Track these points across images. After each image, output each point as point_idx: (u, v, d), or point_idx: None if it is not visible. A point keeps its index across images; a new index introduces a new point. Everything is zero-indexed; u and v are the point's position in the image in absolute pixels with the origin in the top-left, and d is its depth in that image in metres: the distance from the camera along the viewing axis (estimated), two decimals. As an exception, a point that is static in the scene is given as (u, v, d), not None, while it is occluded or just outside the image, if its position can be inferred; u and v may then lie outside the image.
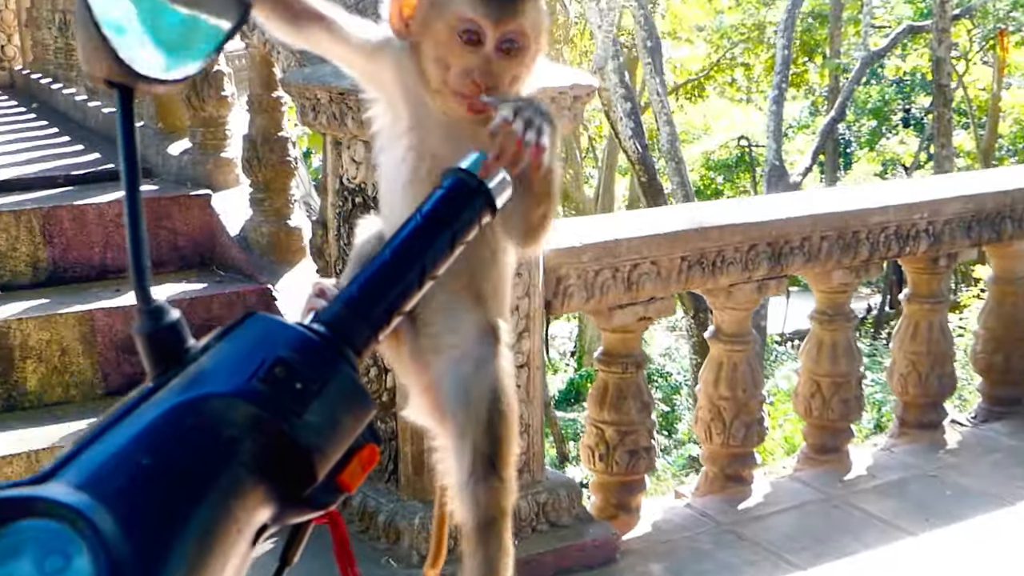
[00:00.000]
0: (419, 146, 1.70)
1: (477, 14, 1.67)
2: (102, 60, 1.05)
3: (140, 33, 1.13)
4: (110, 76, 1.07)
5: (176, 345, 0.99)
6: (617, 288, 4.14)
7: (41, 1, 7.80)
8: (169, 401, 0.89)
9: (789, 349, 21.51)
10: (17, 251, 4.73)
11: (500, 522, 1.88)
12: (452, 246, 1.15)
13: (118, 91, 1.07)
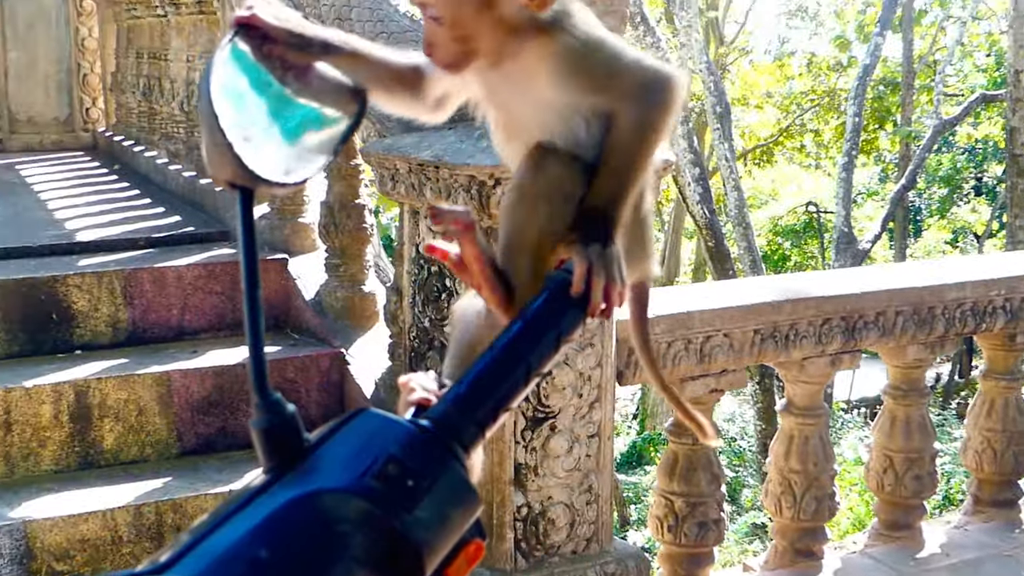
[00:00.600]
0: (491, 110, 1.72)
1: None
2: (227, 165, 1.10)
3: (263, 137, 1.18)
4: (234, 180, 1.12)
5: (291, 439, 1.02)
6: (689, 360, 4.14)
7: (126, 66, 8.01)
8: (284, 495, 0.92)
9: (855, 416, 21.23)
10: (98, 312, 4.83)
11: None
12: (558, 345, 1.18)
13: (240, 193, 1.11)
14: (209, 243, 5.47)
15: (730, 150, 17.56)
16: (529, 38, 1.58)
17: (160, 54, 7.06)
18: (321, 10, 4.50)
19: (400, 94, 1.59)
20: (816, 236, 25.06)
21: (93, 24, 8.95)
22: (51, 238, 5.48)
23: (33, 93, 8.99)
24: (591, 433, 3.84)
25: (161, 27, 7.03)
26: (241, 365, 4.63)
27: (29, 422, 4.29)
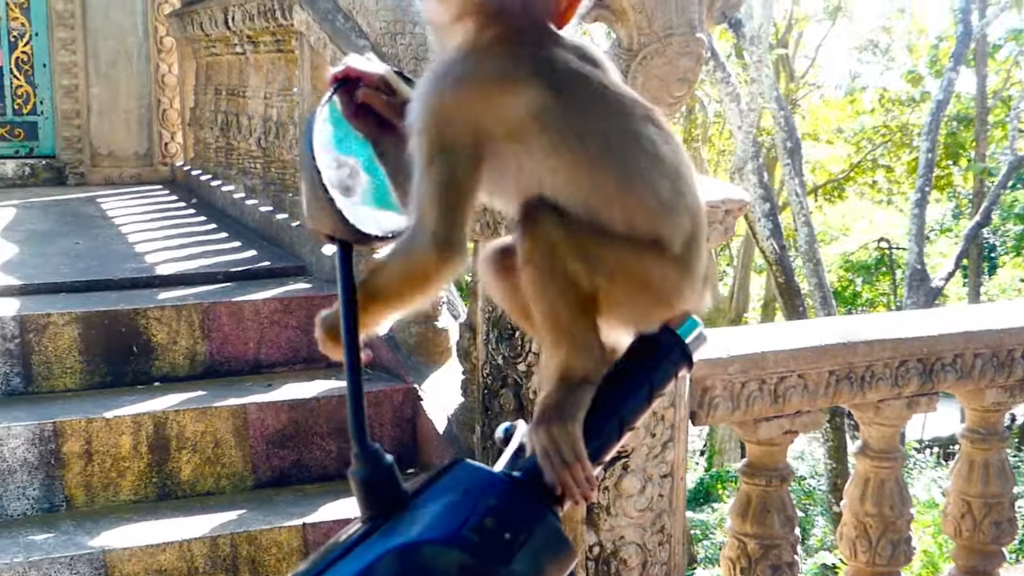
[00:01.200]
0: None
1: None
2: (327, 219, 1.13)
3: (363, 192, 1.21)
4: (334, 234, 1.15)
5: (390, 489, 1.04)
6: (763, 400, 4.11)
7: (204, 102, 8.16)
8: (384, 545, 0.94)
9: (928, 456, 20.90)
10: (177, 344, 4.91)
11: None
12: (650, 399, 1.19)
13: (339, 246, 1.15)
14: (285, 278, 5.55)
15: (800, 185, 17.45)
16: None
17: (238, 91, 7.19)
18: (398, 50, 4.57)
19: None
20: (888, 273, 24.77)
21: (173, 61, 9.15)
22: (132, 271, 5.60)
23: (114, 128, 9.19)
24: (664, 473, 3.83)
25: (240, 64, 7.17)
26: (315, 399, 4.68)
27: (109, 452, 4.37)
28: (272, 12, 5.94)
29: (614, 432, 1.16)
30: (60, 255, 5.96)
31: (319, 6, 5.24)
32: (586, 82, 1.45)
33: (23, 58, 9.00)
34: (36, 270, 5.57)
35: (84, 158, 9.07)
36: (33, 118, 9.11)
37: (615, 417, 1.17)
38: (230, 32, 6.93)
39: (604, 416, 1.17)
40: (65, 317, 4.78)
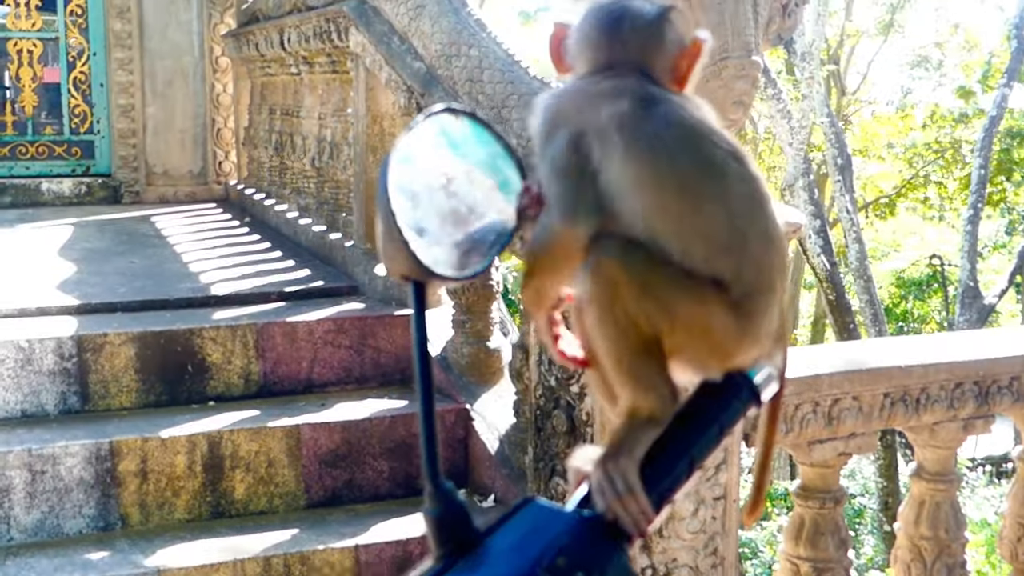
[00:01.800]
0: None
1: None
2: (403, 261, 1.15)
3: (437, 233, 1.23)
4: (409, 274, 1.17)
5: (462, 528, 1.05)
6: (817, 423, 4.09)
7: (259, 122, 8.25)
8: None
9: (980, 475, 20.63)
10: (232, 364, 4.96)
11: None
12: (720, 438, 1.20)
13: (413, 286, 1.16)
14: (338, 297, 5.59)
15: (851, 202, 17.35)
16: None
17: (292, 111, 7.27)
18: (453, 72, 4.60)
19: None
20: (940, 290, 24.52)
21: (228, 81, 9.26)
22: (187, 291, 5.66)
23: (169, 146, 9.30)
24: (717, 495, 3.82)
25: (295, 85, 7.24)
26: (368, 419, 4.71)
27: (164, 471, 4.42)
28: (328, 34, 6.00)
29: (683, 471, 1.17)
30: (116, 274, 6.04)
31: (375, 28, 5.29)
32: (670, 101, 1.47)
33: (81, 77, 9.14)
34: (93, 289, 5.64)
35: (139, 177, 9.19)
36: (90, 137, 9.24)
37: (685, 456, 1.18)
38: (285, 53, 7.00)
39: (674, 455, 1.18)
40: (121, 336, 4.85)
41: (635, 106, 1.45)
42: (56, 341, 4.77)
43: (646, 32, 1.53)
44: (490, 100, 4.37)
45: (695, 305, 1.41)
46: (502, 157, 1.37)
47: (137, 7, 9.01)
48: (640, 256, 1.43)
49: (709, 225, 1.44)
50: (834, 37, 23.15)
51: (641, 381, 1.38)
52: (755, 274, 1.45)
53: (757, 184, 1.47)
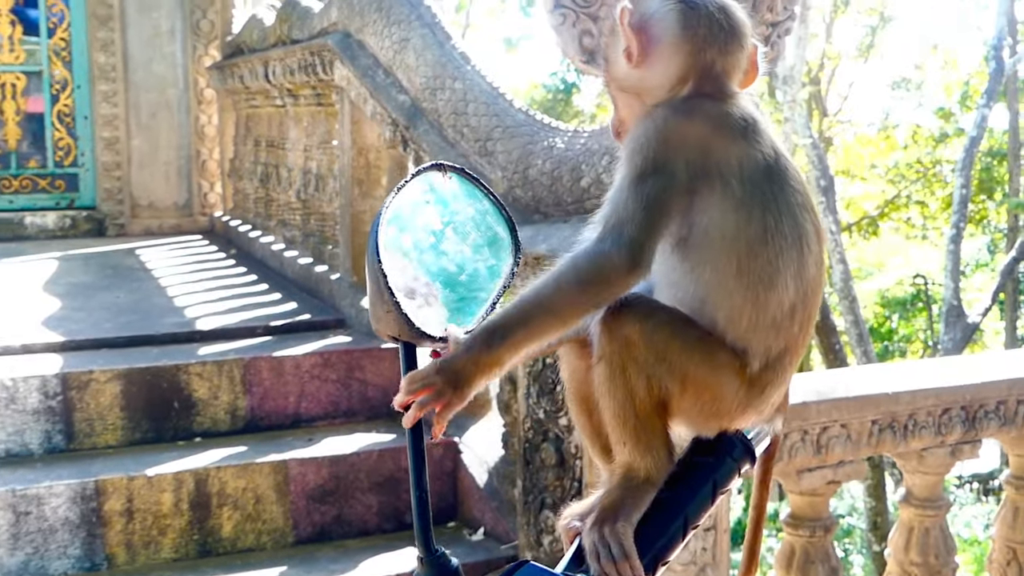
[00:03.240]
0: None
1: None
2: (393, 323, 1.15)
3: (427, 293, 1.23)
4: (399, 336, 1.17)
5: None
6: (806, 451, 4.08)
7: (244, 153, 8.24)
8: None
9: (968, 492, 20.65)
10: (218, 400, 4.94)
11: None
12: (714, 496, 1.20)
13: (403, 346, 1.16)
14: (325, 331, 5.58)
15: (835, 223, 17.40)
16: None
17: (278, 143, 7.26)
18: (438, 105, 4.61)
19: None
20: (925, 309, 24.59)
21: (213, 112, 9.25)
22: (172, 326, 5.64)
23: (154, 179, 9.29)
24: (707, 526, 3.81)
25: (280, 117, 7.24)
26: (356, 454, 4.69)
27: (151, 510, 4.39)
28: (313, 67, 6.00)
29: (679, 532, 1.17)
30: (101, 309, 6.01)
31: (360, 62, 5.30)
32: (776, 151, 1.48)
33: (65, 110, 9.13)
34: (78, 325, 5.62)
35: (124, 209, 9.17)
36: (74, 170, 9.22)
37: (679, 517, 1.18)
38: (270, 85, 7.00)
39: (669, 516, 1.18)
40: (107, 374, 4.82)
41: (759, 153, 1.45)
42: (41, 379, 4.75)
43: (743, 37, 1.55)
44: (475, 133, 4.38)
45: (710, 374, 1.41)
46: (491, 213, 1.37)
47: (121, 40, 9.01)
48: (661, 319, 1.42)
49: (772, 299, 1.44)
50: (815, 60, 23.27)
51: (641, 442, 1.38)
52: (783, 351, 1.46)
53: (823, 269, 1.48)
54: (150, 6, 9.08)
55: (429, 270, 1.28)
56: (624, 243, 1.39)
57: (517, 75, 29.21)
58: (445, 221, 1.33)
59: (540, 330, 1.40)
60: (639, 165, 1.44)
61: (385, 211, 1.25)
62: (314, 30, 5.95)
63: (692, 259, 1.44)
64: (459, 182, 1.34)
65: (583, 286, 1.39)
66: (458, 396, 1.39)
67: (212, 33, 9.10)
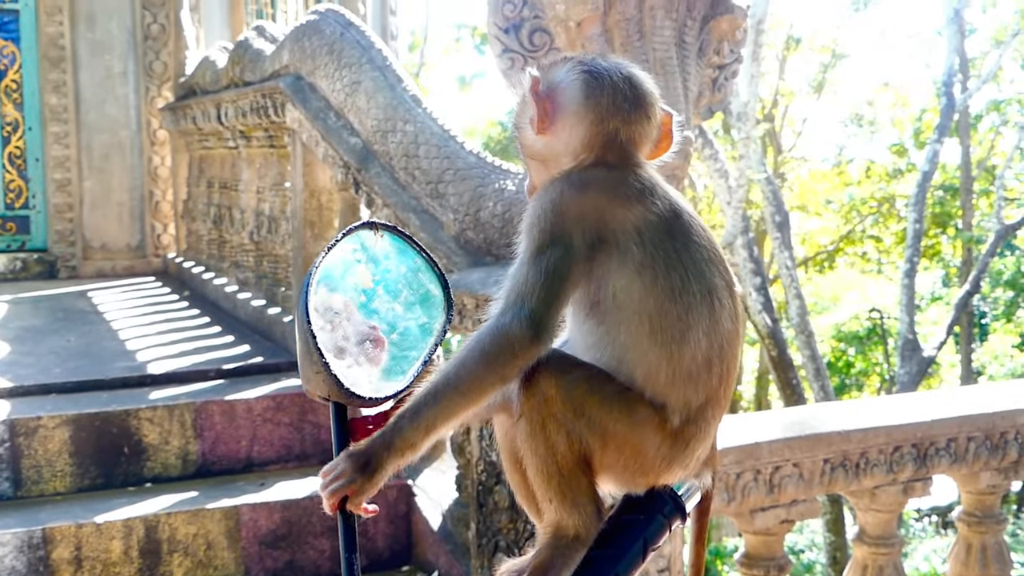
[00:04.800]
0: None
1: None
2: (322, 383, 1.14)
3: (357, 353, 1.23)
4: (329, 396, 1.16)
5: None
6: (759, 491, 4.09)
7: (197, 194, 8.21)
8: None
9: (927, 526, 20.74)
10: (169, 444, 4.89)
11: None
12: (644, 554, 1.19)
13: (333, 407, 1.16)
14: (277, 373, 5.54)
15: (790, 258, 17.52)
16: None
17: (231, 184, 7.23)
18: (390, 147, 4.61)
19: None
20: (881, 343, 24.78)
21: (166, 153, 9.21)
22: (123, 370, 5.58)
23: (107, 220, 9.23)
24: (661, 568, 3.80)
25: (232, 158, 7.22)
26: (308, 498, 4.65)
27: (99, 558, 4.33)
28: (264, 109, 5.99)
29: None
30: (51, 354, 5.94)
31: (311, 104, 5.29)
32: (677, 211, 1.49)
33: (16, 152, 9.06)
34: (27, 370, 5.55)
35: (76, 251, 9.09)
36: (25, 212, 9.14)
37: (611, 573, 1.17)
38: (223, 127, 6.98)
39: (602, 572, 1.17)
40: (56, 420, 4.76)
41: (657, 216, 1.46)
42: (-12, 426, 4.68)
43: (649, 107, 1.57)
44: (426, 175, 4.38)
45: (630, 429, 1.42)
46: (424, 271, 1.37)
47: (73, 81, 8.96)
48: (578, 375, 1.43)
49: (686, 354, 1.45)
50: (768, 97, 23.53)
51: (567, 499, 1.38)
52: (704, 404, 1.47)
53: (739, 322, 1.50)
54: (103, 48, 9.04)
55: (359, 329, 1.28)
56: (525, 316, 1.41)
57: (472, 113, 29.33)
58: (376, 280, 1.33)
59: (451, 410, 1.42)
60: (537, 238, 1.47)
61: (315, 271, 1.25)
62: (266, 72, 5.94)
63: (607, 322, 1.46)
64: (391, 240, 1.34)
65: (488, 362, 1.41)
66: (369, 482, 1.42)
67: (165, 75, 9.07)
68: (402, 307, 1.36)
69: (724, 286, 1.50)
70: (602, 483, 1.45)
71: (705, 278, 1.48)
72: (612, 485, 1.45)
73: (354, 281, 1.30)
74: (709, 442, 1.50)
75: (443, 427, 1.44)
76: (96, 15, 8.99)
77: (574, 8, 3.34)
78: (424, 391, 1.39)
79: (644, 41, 3.41)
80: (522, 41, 3.45)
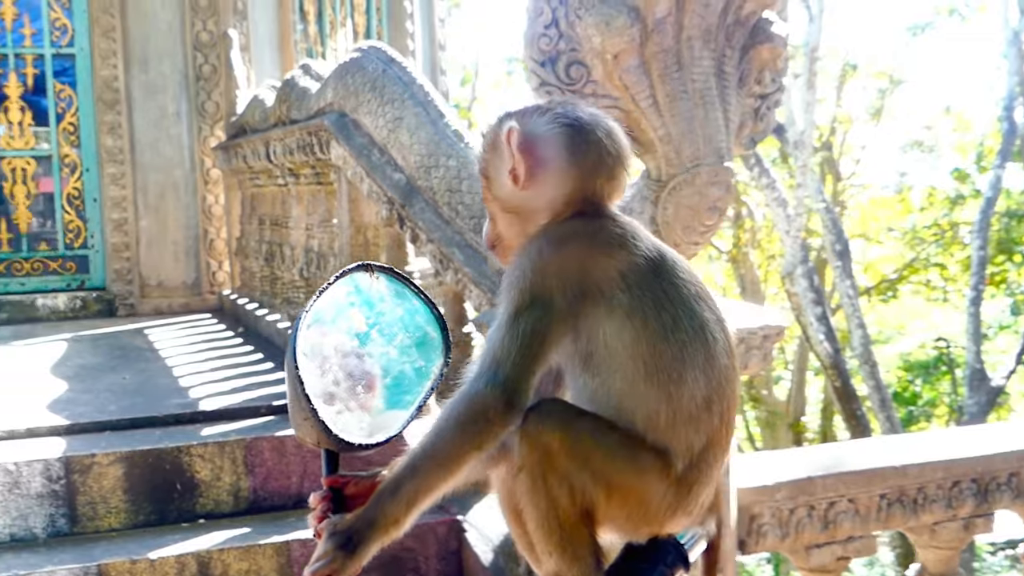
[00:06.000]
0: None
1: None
2: (311, 429, 1.12)
3: (347, 398, 1.20)
4: (319, 444, 1.14)
5: None
6: (813, 527, 4.03)
7: (249, 232, 8.28)
8: None
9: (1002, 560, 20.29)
10: (221, 481, 4.90)
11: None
12: None
13: (324, 454, 1.13)
14: (327, 409, 5.52)
15: (852, 287, 17.31)
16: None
17: (281, 221, 7.29)
18: (432, 183, 4.61)
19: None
20: (948, 372, 24.37)
21: (219, 192, 9.32)
22: (176, 407, 5.60)
23: (163, 259, 9.34)
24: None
25: (282, 195, 7.27)
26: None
27: (153, 595, 4.34)
28: (311, 147, 6.03)
29: None
30: (107, 391, 6.00)
31: (355, 141, 5.32)
32: (660, 252, 1.46)
33: (74, 193, 9.21)
34: (83, 407, 5.60)
35: (134, 289, 9.20)
36: (84, 251, 9.28)
37: None
38: (272, 164, 7.04)
39: None
40: (110, 457, 4.79)
41: (641, 258, 1.43)
42: (44, 463, 4.72)
43: (627, 160, 1.56)
44: (469, 210, 4.38)
45: (636, 479, 1.38)
46: (422, 313, 1.35)
47: (128, 123, 9.10)
48: (582, 426, 1.39)
49: (685, 394, 1.41)
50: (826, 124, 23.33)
51: (567, 552, 1.35)
52: (706, 447, 1.42)
53: (733, 358, 1.46)
54: (156, 89, 9.18)
55: (351, 374, 1.25)
56: (499, 383, 1.38)
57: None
58: (370, 323, 1.31)
59: (430, 483, 1.39)
60: (516, 300, 1.44)
61: (305, 315, 1.22)
62: (311, 110, 5.99)
63: (602, 372, 1.42)
64: (387, 282, 1.32)
65: (463, 432, 1.38)
66: (352, 561, 1.40)
67: (217, 114, 9.19)
68: (397, 351, 1.33)
69: (715, 320, 1.46)
70: (603, 533, 1.41)
71: (696, 314, 1.44)
72: (614, 535, 1.41)
73: (347, 325, 1.28)
74: (712, 487, 1.46)
75: (425, 500, 1.41)
76: (149, 58, 9.13)
77: (610, 40, 3.31)
78: (402, 465, 1.37)
79: (683, 72, 3.38)
80: (559, 74, 3.43)
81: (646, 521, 1.40)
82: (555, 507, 1.37)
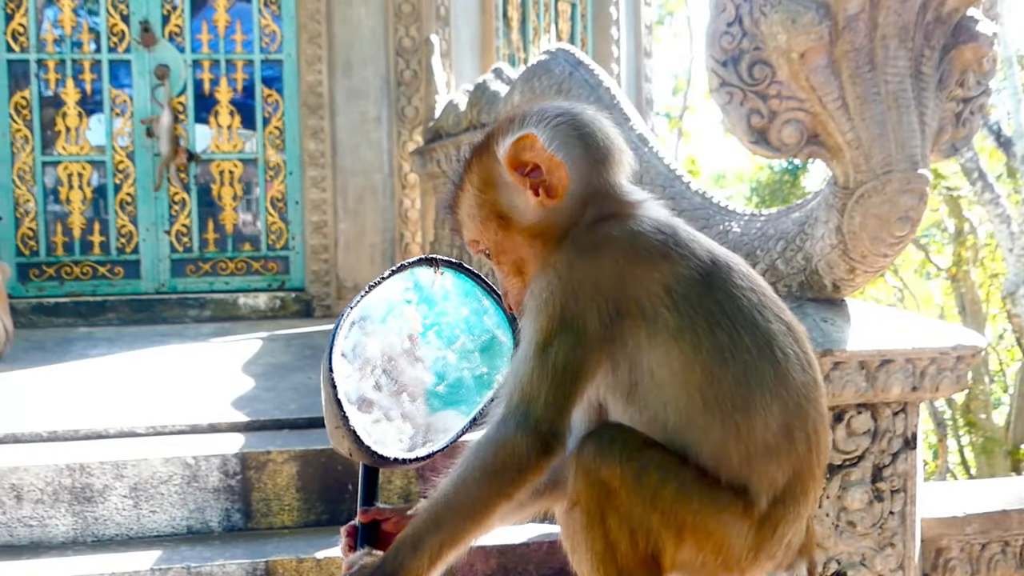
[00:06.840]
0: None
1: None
2: (342, 439, 1.00)
3: (388, 408, 1.07)
4: (351, 455, 1.02)
5: None
6: (1007, 564, 3.73)
7: (442, 236, 8.31)
8: None
9: None
10: (392, 484, 4.90)
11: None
12: None
13: (362, 468, 1.02)
14: (499, 414, 5.47)
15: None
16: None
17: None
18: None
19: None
20: None
21: (415, 196, 9.41)
22: (354, 408, 5.64)
23: (359, 261, 9.48)
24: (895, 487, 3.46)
25: (472, 200, 7.25)
26: (525, 544, 4.56)
27: (318, 594, 4.35)
28: (499, 149, 5.98)
29: None
30: (291, 390, 6.09)
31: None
32: (711, 255, 1.28)
33: (277, 196, 9.45)
34: (265, 404, 5.70)
35: (331, 291, 9.38)
36: (285, 253, 9.51)
37: None
38: (463, 169, 7.03)
39: None
40: (284, 455, 4.85)
41: (688, 268, 1.26)
42: (221, 458, 4.81)
43: (620, 140, 1.44)
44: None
45: (712, 520, 1.19)
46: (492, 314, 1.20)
47: (330, 127, 9.29)
48: (648, 461, 1.21)
49: (757, 424, 1.22)
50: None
51: None
52: (791, 479, 1.22)
53: (815, 369, 1.25)
54: (358, 95, 9.34)
55: (397, 379, 1.12)
56: (530, 426, 1.20)
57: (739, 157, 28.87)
58: (428, 323, 1.17)
59: (455, 536, 1.24)
60: (544, 327, 1.23)
61: (349, 311, 1.10)
62: (499, 114, 5.94)
63: (650, 406, 1.22)
64: (454, 278, 1.18)
65: (490, 483, 1.21)
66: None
67: (416, 119, 9.29)
68: (456, 355, 1.19)
69: (784, 331, 1.24)
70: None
71: (759, 328, 1.22)
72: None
73: (398, 324, 1.14)
74: (801, 525, 1.25)
75: (450, 553, 1.25)
76: (353, 63, 9.30)
77: (797, 38, 3.13)
78: (424, 515, 1.21)
79: (875, 72, 3.17)
80: (741, 74, 3.27)
81: (725, 567, 1.21)
82: (613, 552, 1.19)
